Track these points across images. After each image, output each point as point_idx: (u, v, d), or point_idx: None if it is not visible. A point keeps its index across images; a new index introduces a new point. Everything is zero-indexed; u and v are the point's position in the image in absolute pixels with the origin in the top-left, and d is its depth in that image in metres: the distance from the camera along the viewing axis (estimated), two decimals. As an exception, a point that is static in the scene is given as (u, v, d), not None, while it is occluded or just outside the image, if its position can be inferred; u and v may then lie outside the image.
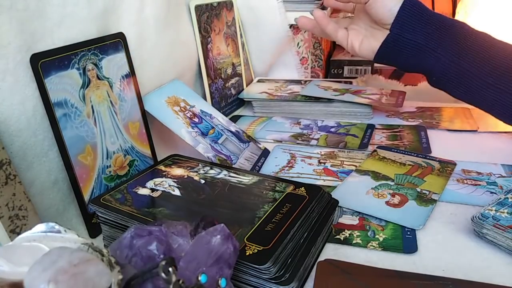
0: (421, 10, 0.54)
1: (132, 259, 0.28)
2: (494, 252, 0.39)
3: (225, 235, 0.29)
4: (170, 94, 0.57)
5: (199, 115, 0.58)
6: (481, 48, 0.53)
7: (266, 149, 0.60)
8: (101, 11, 0.46)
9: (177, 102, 0.57)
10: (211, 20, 0.69)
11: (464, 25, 0.55)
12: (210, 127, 0.57)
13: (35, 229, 0.26)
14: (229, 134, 0.58)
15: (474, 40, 0.53)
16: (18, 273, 0.23)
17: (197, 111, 0.58)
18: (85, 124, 0.43)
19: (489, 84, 0.52)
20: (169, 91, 0.57)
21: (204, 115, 0.58)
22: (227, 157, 0.54)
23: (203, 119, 0.58)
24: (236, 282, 0.33)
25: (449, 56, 0.53)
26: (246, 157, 0.56)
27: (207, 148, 0.53)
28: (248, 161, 0.56)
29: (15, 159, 0.37)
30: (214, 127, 0.57)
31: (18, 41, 0.37)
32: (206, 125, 0.57)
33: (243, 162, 0.55)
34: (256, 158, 0.57)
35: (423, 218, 0.43)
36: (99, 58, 0.45)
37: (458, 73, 0.53)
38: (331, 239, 0.41)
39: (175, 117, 0.55)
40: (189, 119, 0.56)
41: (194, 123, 0.56)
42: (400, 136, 0.64)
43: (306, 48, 0.86)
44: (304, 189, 0.41)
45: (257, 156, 0.58)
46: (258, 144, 0.60)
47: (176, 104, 0.56)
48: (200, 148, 0.53)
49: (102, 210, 0.39)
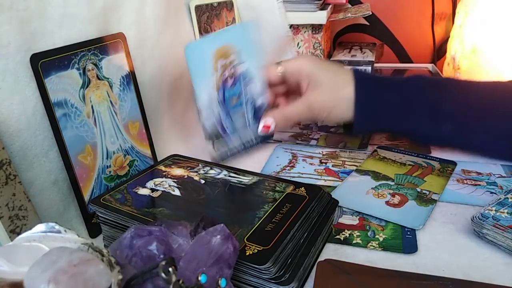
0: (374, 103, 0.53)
1: (132, 259, 0.28)
2: (494, 252, 0.39)
3: (225, 235, 0.29)
4: (228, 42, 0.52)
5: (238, 77, 0.53)
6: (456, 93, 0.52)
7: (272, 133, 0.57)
8: (101, 11, 0.46)
9: (227, 55, 0.51)
10: (211, 20, 0.69)
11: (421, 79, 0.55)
12: (237, 93, 0.53)
13: (35, 229, 0.26)
14: (248, 108, 0.54)
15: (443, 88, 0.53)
16: (18, 273, 0.23)
17: (239, 71, 0.53)
18: (85, 124, 0.43)
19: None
20: (229, 38, 0.52)
21: (243, 77, 0.54)
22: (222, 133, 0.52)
23: (239, 82, 0.53)
24: (236, 282, 0.33)
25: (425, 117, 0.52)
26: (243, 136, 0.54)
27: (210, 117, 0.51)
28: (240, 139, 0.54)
29: (15, 159, 0.37)
30: (240, 95, 0.53)
31: (18, 41, 0.37)
32: (234, 92, 0.53)
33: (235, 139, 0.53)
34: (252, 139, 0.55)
35: (423, 218, 0.43)
36: (99, 58, 0.45)
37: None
38: (331, 239, 0.41)
39: (210, 74, 0.51)
40: (222, 82, 0.52)
41: (225, 86, 0.52)
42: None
43: (306, 48, 0.86)
44: (304, 189, 0.41)
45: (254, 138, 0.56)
46: None
47: (224, 56, 0.51)
48: (203, 113, 0.51)
49: (102, 210, 0.39)
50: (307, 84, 0.54)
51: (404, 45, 1.04)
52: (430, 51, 1.05)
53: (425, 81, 0.54)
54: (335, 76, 0.54)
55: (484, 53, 0.78)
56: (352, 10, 0.89)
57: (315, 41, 0.85)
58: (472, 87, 0.53)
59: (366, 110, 0.53)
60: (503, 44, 0.75)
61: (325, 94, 0.53)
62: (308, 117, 0.55)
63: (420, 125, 0.52)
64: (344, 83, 0.53)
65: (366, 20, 1.02)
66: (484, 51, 0.78)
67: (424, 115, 0.52)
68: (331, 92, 0.53)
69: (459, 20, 0.85)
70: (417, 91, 0.53)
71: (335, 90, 0.53)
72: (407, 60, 1.06)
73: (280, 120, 0.55)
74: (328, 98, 0.53)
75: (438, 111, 0.51)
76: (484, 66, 0.77)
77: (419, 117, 0.52)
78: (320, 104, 0.53)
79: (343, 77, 0.54)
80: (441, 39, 1.04)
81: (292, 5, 0.80)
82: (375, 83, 0.54)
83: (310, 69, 0.54)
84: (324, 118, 0.55)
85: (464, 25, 0.83)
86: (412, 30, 1.03)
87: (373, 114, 0.53)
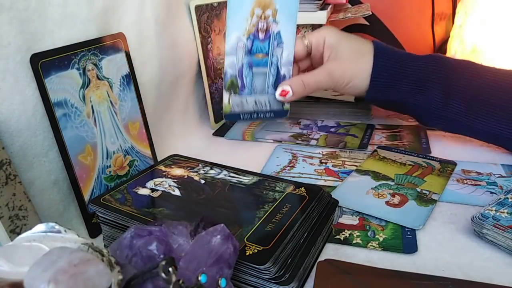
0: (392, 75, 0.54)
1: (132, 259, 0.28)
2: (494, 252, 0.39)
3: (225, 235, 0.29)
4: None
5: (269, 34, 0.52)
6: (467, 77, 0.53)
7: (287, 111, 0.57)
8: (101, 11, 0.46)
9: (266, 6, 0.50)
10: (211, 20, 0.69)
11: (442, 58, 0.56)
12: (265, 51, 0.52)
13: (35, 229, 0.26)
14: (273, 72, 0.54)
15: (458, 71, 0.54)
16: (18, 273, 0.23)
17: (272, 29, 0.52)
18: (85, 124, 0.43)
19: None
20: None
21: (274, 38, 0.53)
22: (241, 85, 0.50)
23: (269, 40, 0.52)
24: (236, 282, 0.33)
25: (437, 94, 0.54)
26: (258, 100, 0.53)
27: (234, 64, 0.50)
28: (255, 104, 0.53)
29: (15, 159, 0.37)
30: (268, 54, 0.52)
31: (18, 41, 0.37)
32: (264, 47, 0.52)
33: (250, 102, 0.52)
34: (267, 109, 0.54)
35: (423, 218, 0.43)
36: (99, 58, 0.45)
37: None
38: (331, 239, 0.41)
39: (244, 18, 0.49)
40: (255, 30, 0.51)
41: (256, 37, 0.51)
42: (400, 136, 0.64)
43: (306, 48, 0.86)
44: (304, 189, 0.41)
45: (269, 108, 0.55)
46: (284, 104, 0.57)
47: (263, 6, 0.50)
48: (228, 59, 0.49)
49: (102, 210, 0.39)
50: (329, 55, 0.56)
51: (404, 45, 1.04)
52: (430, 51, 1.05)
53: (442, 60, 0.55)
54: (356, 46, 0.56)
55: (484, 53, 0.78)
56: (352, 10, 0.89)
57: (315, 41, 0.85)
58: (488, 71, 0.54)
59: (382, 79, 0.55)
60: (503, 44, 0.75)
61: (345, 63, 0.55)
62: (328, 85, 0.56)
63: (432, 100, 0.54)
64: (364, 53, 0.55)
65: (366, 20, 1.02)
66: (484, 51, 0.78)
67: (436, 91, 0.53)
68: (352, 61, 0.55)
69: (459, 20, 0.85)
70: (433, 68, 0.54)
71: (355, 60, 0.55)
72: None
73: (299, 86, 0.55)
74: (349, 67, 0.55)
75: (450, 89, 0.53)
76: (484, 66, 0.77)
77: (431, 92, 0.54)
78: (340, 73, 0.55)
79: (364, 48, 0.56)
80: (441, 39, 1.04)
81: (292, 5, 0.80)
82: (393, 55, 0.56)
83: (333, 40, 0.56)
84: (343, 88, 0.56)
85: (464, 25, 0.83)
86: (412, 30, 1.03)
87: (387, 84, 0.55)
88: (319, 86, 0.56)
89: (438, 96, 0.53)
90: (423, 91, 0.54)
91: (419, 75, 0.54)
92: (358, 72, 0.55)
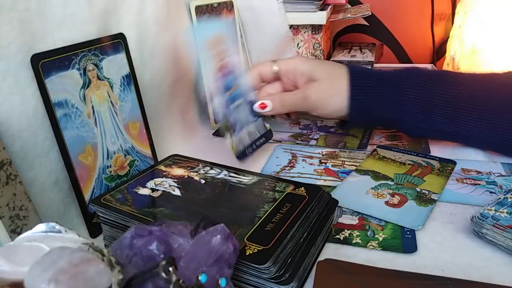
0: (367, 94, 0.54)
1: (133, 259, 0.28)
2: (494, 252, 0.39)
3: (225, 235, 0.30)
4: (221, 32, 0.53)
5: (230, 68, 0.54)
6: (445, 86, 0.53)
7: (270, 130, 0.59)
8: (101, 11, 0.46)
9: (220, 44, 0.53)
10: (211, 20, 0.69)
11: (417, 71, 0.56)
12: (232, 85, 0.54)
13: (36, 229, 0.26)
14: (246, 101, 0.55)
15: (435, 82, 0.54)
16: (19, 272, 0.23)
17: (232, 62, 0.54)
18: (85, 124, 0.43)
19: None
20: (222, 27, 0.54)
21: (234, 70, 0.55)
22: (233, 124, 0.52)
23: (232, 74, 0.54)
24: (236, 281, 0.33)
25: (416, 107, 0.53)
26: (249, 131, 0.54)
27: (221, 104, 0.51)
28: (249, 136, 0.54)
29: (16, 159, 0.37)
30: (236, 86, 0.54)
31: (19, 42, 0.37)
32: (230, 82, 0.54)
33: (244, 134, 0.53)
34: (258, 136, 0.56)
35: (423, 218, 0.43)
36: (99, 59, 0.45)
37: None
38: (331, 239, 0.41)
39: (210, 59, 0.51)
40: (219, 69, 0.52)
41: (221, 74, 0.52)
42: (399, 136, 0.64)
43: (306, 49, 0.86)
44: (304, 189, 0.41)
45: (259, 134, 0.57)
46: (265, 123, 0.59)
47: (217, 44, 0.52)
48: (216, 101, 0.50)
49: (103, 210, 0.39)
50: (304, 81, 0.57)
51: (403, 45, 1.04)
52: (430, 52, 1.05)
53: (417, 74, 0.55)
54: (330, 70, 0.56)
55: (483, 53, 0.78)
56: (352, 11, 0.89)
57: (315, 41, 0.85)
58: (464, 78, 0.54)
59: (360, 101, 0.55)
60: (502, 44, 0.75)
61: (321, 87, 0.55)
62: (303, 107, 0.57)
63: (412, 115, 0.54)
64: (339, 76, 0.55)
65: (366, 20, 1.02)
66: (483, 51, 0.78)
67: (415, 106, 0.53)
68: (327, 85, 0.55)
69: (459, 21, 0.86)
70: (409, 83, 0.54)
71: (330, 83, 0.56)
72: (407, 60, 1.06)
73: (277, 103, 0.57)
74: (324, 90, 0.55)
75: (428, 102, 0.53)
76: (484, 66, 0.77)
77: (410, 108, 0.54)
78: (316, 96, 0.55)
79: (338, 71, 0.56)
80: (440, 39, 1.04)
81: (292, 5, 0.80)
82: (369, 76, 0.56)
83: (305, 67, 0.56)
84: (320, 111, 0.57)
85: (464, 26, 0.83)
86: (412, 30, 1.03)
87: (367, 105, 0.55)
88: (295, 107, 0.57)
89: (417, 110, 0.53)
90: (402, 107, 0.54)
91: (396, 92, 0.54)
92: (335, 94, 0.55)
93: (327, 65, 0.58)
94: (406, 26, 1.03)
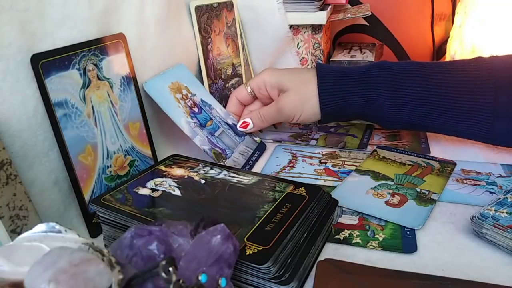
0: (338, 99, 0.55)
1: (133, 259, 0.28)
2: (494, 252, 0.39)
3: (225, 235, 0.30)
4: (174, 80, 0.56)
5: (199, 105, 0.57)
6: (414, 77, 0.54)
7: (262, 142, 0.61)
8: (101, 11, 0.46)
9: (180, 89, 0.56)
10: (211, 20, 0.70)
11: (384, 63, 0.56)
12: (208, 118, 0.57)
13: (36, 229, 0.26)
14: (226, 127, 0.58)
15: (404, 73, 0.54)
16: (19, 273, 0.23)
17: (197, 101, 0.57)
18: (85, 124, 0.43)
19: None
20: (173, 76, 0.57)
21: (204, 105, 0.58)
22: (222, 151, 0.54)
23: (203, 109, 0.57)
24: (236, 281, 0.33)
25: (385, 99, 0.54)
26: (241, 151, 0.56)
27: (204, 140, 0.53)
28: (242, 156, 0.56)
29: (16, 159, 0.37)
30: (212, 118, 0.57)
31: (19, 42, 0.37)
32: (205, 116, 0.57)
33: (237, 156, 0.55)
34: (251, 152, 0.58)
35: (423, 218, 0.43)
36: (99, 59, 0.45)
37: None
38: (331, 239, 0.41)
39: (176, 105, 0.54)
40: (189, 109, 0.55)
41: (194, 113, 0.55)
42: (399, 136, 0.64)
43: (306, 49, 0.86)
44: (304, 189, 0.41)
45: (252, 150, 0.58)
46: (254, 137, 0.61)
47: (178, 91, 0.55)
48: (197, 140, 0.53)
49: (103, 210, 0.39)
50: (277, 93, 0.59)
51: (403, 45, 1.04)
52: (430, 52, 1.05)
53: (385, 68, 0.55)
54: (298, 77, 0.57)
55: (483, 53, 0.78)
56: (352, 11, 0.89)
57: (315, 41, 0.85)
58: (433, 69, 0.54)
59: (331, 104, 0.56)
60: (502, 44, 0.75)
61: (292, 97, 0.57)
62: (280, 119, 0.60)
63: (382, 110, 0.54)
64: (307, 81, 0.56)
65: (366, 20, 1.02)
66: (483, 52, 0.78)
67: (384, 100, 0.54)
68: (297, 93, 0.57)
69: (459, 21, 0.86)
70: (377, 78, 0.54)
71: (301, 90, 0.57)
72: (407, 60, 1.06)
73: (257, 119, 0.60)
74: (295, 99, 0.57)
75: (397, 96, 0.53)
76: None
77: (380, 102, 0.54)
78: (288, 106, 0.57)
79: (306, 75, 0.57)
80: (440, 39, 1.04)
81: (292, 5, 0.80)
82: (337, 75, 0.56)
83: (273, 79, 0.59)
84: (296, 119, 0.58)
85: (464, 26, 0.83)
86: (412, 30, 1.03)
87: (338, 105, 0.56)
88: (274, 119, 0.60)
89: (387, 105, 0.54)
90: (372, 102, 0.54)
91: (365, 88, 0.54)
92: (305, 101, 0.56)
93: (294, 73, 0.59)
94: (406, 26, 1.03)
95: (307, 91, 0.56)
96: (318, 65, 0.58)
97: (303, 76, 0.57)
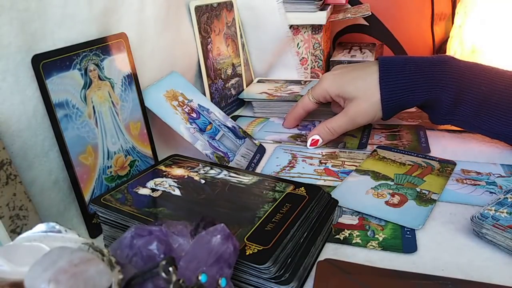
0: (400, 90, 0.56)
1: (133, 258, 0.28)
2: (494, 251, 0.39)
3: (225, 235, 0.30)
4: (169, 88, 0.57)
5: (196, 110, 0.57)
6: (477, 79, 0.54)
7: (261, 145, 0.61)
8: (101, 11, 0.46)
9: (175, 97, 0.56)
10: (211, 20, 0.70)
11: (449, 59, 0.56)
12: (207, 122, 0.57)
13: (36, 229, 0.26)
14: (226, 130, 0.58)
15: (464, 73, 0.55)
16: (19, 272, 0.23)
17: (195, 106, 0.58)
18: (86, 124, 0.43)
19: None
20: (167, 85, 0.57)
21: (201, 110, 0.58)
22: (224, 154, 0.54)
23: (201, 114, 0.57)
24: (236, 281, 0.33)
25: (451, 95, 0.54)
26: (242, 154, 0.56)
27: (205, 145, 0.53)
28: (244, 158, 0.56)
29: (16, 159, 0.37)
30: (211, 122, 0.57)
31: (19, 42, 0.37)
32: (204, 121, 0.57)
33: (239, 159, 0.55)
34: (252, 154, 0.58)
35: (423, 218, 0.43)
36: (100, 59, 0.45)
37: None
38: (331, 239, 0.41)
39: (173, 113, 0.54)
40: (187, 115, 0.55)
41: (192, 118, 0.56)
42: (399, 136, 0.64)
43: (306, 49, 0.86)
44: (304, 189, 0.41)
45: (253, 152, 0.58)
46: (254, 140, 0.61)
47: (174, 98, 0.56)
48: (199, 145, 0.53)
49: (103, 210, 0.39)
50: (343, 101, 0.59)
51: (403, 45, 1.04)
52: (430, 52, 1.05)
53: (451, 64, 0.55)
54: (362, 82, 0.57)
55: (483, 53, 0.78)
56: (351, 11, 0.89)
57: (315, 41, 0.85)
58: (496, 74, 0.55)
59: (393, 103, 0.56)
60: (502, 44, 0.75)
61: (362, 104, 0.57)
62: (352, 127, 0.60)
63: (442, 104, 0.55)
64: (372, 87, 0.56)
65: (366, 20, 1.02)
66: (483, 51, 0.78)
67: (446, 96, 0.54)
68: (365, 102, 0.57)
69: (459, 21, 0.86)
70: (443, 73, 0.54)
71: (369, 96, 0.56)
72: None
73: (326, 133, 0.60)
74: (366, 106, 0.57)
75: (459, 94, 0.54)
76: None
77: (441, 97, 0.54)
78: (362, 115, 0.57)
79: (369, 80, 0.56)
80: (440, 39, 1.04)
81: (292, 5, 0.80)
82: (400, 69, 0.56)
83: (335, 89, 0.59)
84: (362, 123, 0.59)
85: (464, 26, 0.83)
86: (412, 30, 1.03)
87: (399, 104, 0.56)
88: (344, 130, 0.60)
89: (447, 101, 0.54)
90: (434, 96, 0.55)
91: (429, 83, 0.55)
92: (372, 105, 0.57)
93: (355, 78, 0.58)
94: (406, 26, 1.03)
95: (372, 96, 0.56)
96: (380, 60, 0.57)
97: (367, 80, 0.57)
